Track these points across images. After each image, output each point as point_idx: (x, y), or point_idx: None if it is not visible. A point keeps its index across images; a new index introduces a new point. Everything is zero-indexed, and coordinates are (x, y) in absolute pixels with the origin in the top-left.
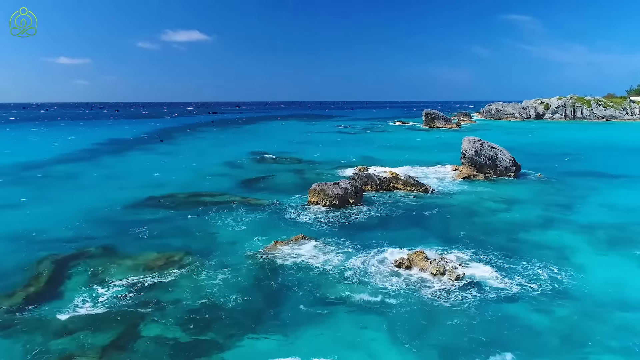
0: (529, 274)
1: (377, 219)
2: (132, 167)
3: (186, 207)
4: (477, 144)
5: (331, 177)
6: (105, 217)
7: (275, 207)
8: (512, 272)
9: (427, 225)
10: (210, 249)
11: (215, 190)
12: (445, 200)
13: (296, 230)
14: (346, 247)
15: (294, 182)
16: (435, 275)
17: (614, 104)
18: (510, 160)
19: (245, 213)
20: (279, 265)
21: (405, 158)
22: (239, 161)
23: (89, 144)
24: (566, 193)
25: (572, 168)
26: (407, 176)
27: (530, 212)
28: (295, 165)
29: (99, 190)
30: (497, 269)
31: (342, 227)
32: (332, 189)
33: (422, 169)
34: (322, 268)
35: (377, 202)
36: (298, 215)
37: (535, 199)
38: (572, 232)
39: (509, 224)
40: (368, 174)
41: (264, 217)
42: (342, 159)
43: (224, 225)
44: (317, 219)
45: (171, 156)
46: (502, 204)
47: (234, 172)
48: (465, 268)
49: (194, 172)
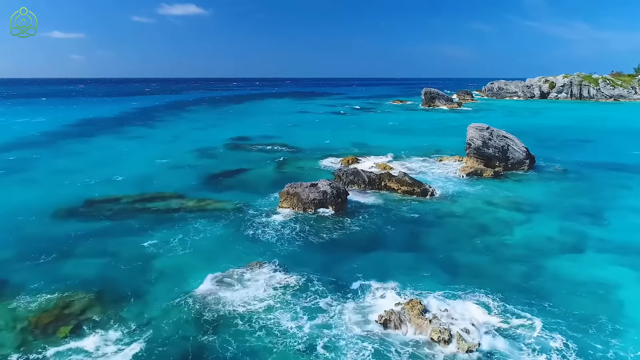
0: (570, 340)
1: (361, 235)
2: (89, 157)
3: (126, 217)
4: (485, 133)
5: (312, 171)
6: (13, 230)
7: (238, 214)
8: (546, 337)
9: (425, 247)
10: (131, 290)
11: (173, 189)
12: (447, 207)
13: (254, 252)
14: (314, 285)
15: (270, 178)
16: (438, 341)
17: (623, 83)
18: (524, 152)
19: (199, 225)
20: (216, 319)
21: (401, 145)
22: (215, 149)
23: (57, 126)
24: (593, 195)
25: (592, 158)
26: (403, 173)
27: (555, 226)
28: (276, 154)
29: (32, 188)
30: (523, 329)
31: (314, 248)
32: (308, 193)
33: (421, 161)
34: (274, 330)
35: (363, 209)
36: (262, 228)
37: (557, 204)
38: (613, 259)
39: (531, 247)
40: (355, 170)
41: (220, 231)
42: (331, 145)
43: (164, 247)
44: (283, 235)
45: (141, 141)
46: (518, 213)
47: (204, 164)
48: (479, 329)
49: (157, 164)
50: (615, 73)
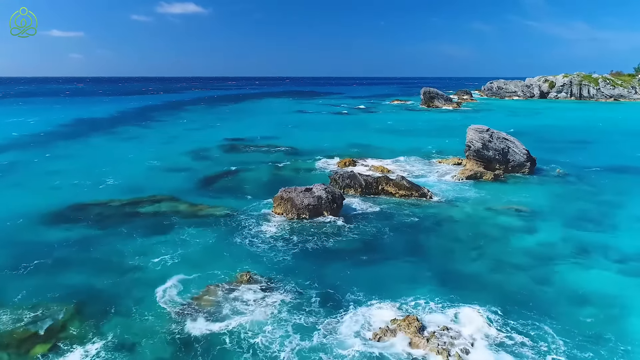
0: None
1: (356, 244)
2: (80, 159)
3: (114, 223)
4: (485, 135)
5: (309, 174)
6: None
7: (230, 220)
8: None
9: (423, 256)
10: (114, 303)
11: (166, 192)
12: (446, 213)
13: (245, 262)
14: (306, 300)
15: (264, 180)
16: None
17: (623, 83)
18: (525, 154)
19: (189, 232)
20: (203, 337)
21: (400, 146)
22: (210, 150)
23: (49, 126)
24: (597, 199)
25: (594, 160)
26: (400, 177)
27: (558, 233)
28: (272, 155)
29: (18, 191)
30: (526, 348)
31: (308, 259)
32: (302, 198)
33: (419, 163)
34: (263, 350)
35: (360, 215)
36: (254, 237)
37: (559, 209)
38: (621, 270)
39: (533, 256)
40: (352, 173)
41: (211, 239)
42: (328, 146)
43: (152, 256)
44: (276, 244)
45: (135, 143)
46: (519, 220)
47: (198, 166)
48: (479, 347)
49: (150, 167)
50: (615, 73)
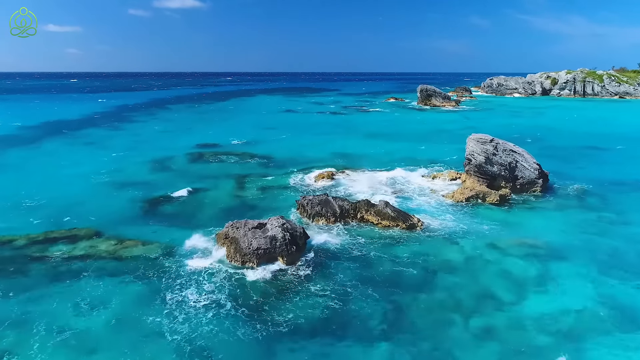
0: None
1: (316, 310)
2: (18, 171)
3: (6, 274)
4: (488, 146)
5: (277, 195)
6: None
7: (157, 268)
8: None
9: (404, 328)
10: None
11: (92, 223)
12: (439, 253)
13: (157, 348)
14: None
15: (221, 205)
16: None
17: (628, 79)
18: (536, 169)
19: (98, 289)
20: None
21: (390, 155)
22: (173, 160)
23: (9, 128)
24: (630, 230)
25: (615, 172)
26: (384, 203)
27: (587, 288)
28: (242, 166)
29: None
30: None
31: (240, 341)
32: (251, 239)
33: (410, 177)
34: None
35: (326, 259)
36: (179, 291)
37: (585, 247)
38: None
39: (555, 326)
40: (325, 198)
41: (120, 301)
42: (310, 155)
43: (26, 329)
44: (204, 316)
45: (93, 149)
46: (533, 265)
47: (151, 182)
48: None
49: (92, 183)
50: (620, 69)
